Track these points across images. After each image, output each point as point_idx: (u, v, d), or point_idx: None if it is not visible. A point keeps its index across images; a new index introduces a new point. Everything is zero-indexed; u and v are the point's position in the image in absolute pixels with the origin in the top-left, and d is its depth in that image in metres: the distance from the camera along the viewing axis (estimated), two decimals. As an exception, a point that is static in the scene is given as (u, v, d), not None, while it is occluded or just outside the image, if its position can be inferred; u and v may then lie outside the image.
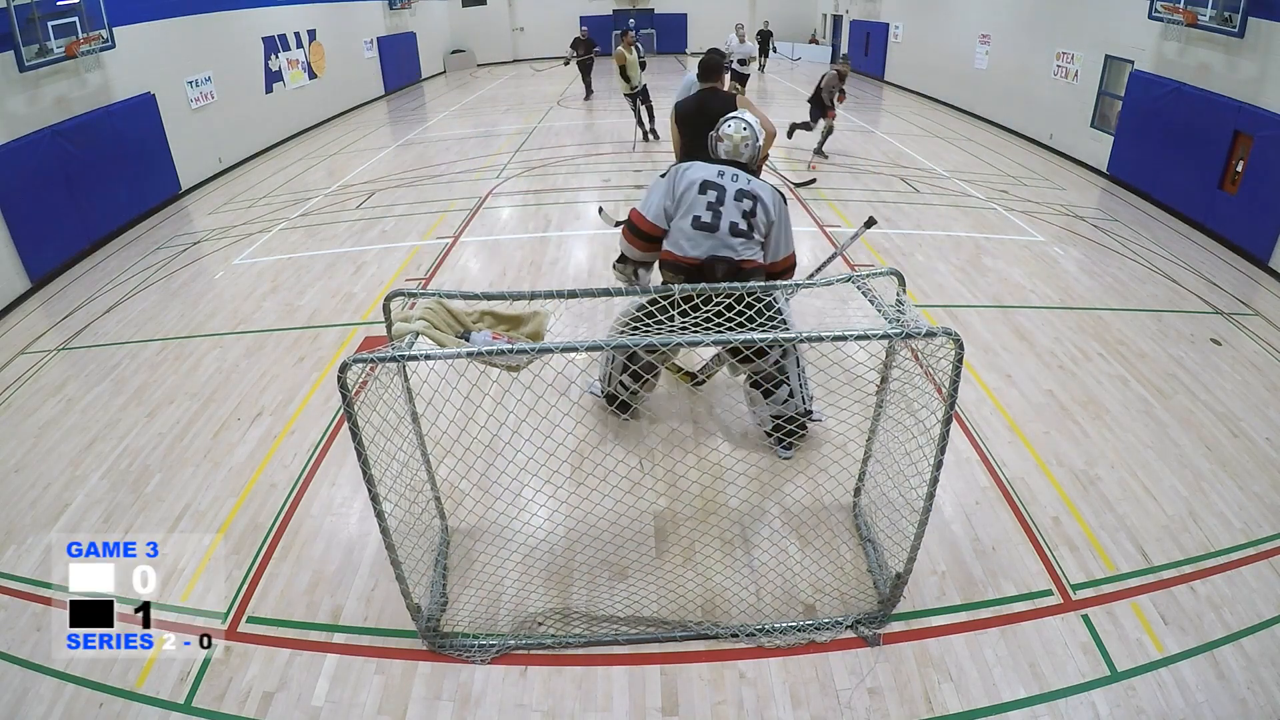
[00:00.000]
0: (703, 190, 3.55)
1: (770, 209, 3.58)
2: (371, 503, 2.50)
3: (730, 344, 2.67)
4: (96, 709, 2.79)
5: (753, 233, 3.55)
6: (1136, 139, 9.08)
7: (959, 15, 13.95)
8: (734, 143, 3.69)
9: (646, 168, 9.75)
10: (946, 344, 2.42)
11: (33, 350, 5.81)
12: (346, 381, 2.24)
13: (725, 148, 3.72)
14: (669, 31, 24.32)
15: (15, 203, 6.85)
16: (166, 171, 9.63)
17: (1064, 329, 5.51)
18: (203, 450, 4.32)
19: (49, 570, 3.47)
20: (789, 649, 2.93)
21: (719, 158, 3.73)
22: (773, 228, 3.60)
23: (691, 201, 3.55)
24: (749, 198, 3.54)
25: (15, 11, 6.91)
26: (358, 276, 6.68)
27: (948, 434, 2.54)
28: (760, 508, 3.66)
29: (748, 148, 3.70)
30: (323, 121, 14.53)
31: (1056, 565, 3.34)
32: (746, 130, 3.71)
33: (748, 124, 3.73)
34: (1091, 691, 2.75)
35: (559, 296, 2.86)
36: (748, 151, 3.71)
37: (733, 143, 3.70)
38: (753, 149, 3.72)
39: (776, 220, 3.61)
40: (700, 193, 3.55)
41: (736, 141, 3.69)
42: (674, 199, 3.63)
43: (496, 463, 3.29)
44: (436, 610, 3.06)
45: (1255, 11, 7.09)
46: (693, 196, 3.56)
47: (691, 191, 3.56)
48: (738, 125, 3.72)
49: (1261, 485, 3.87)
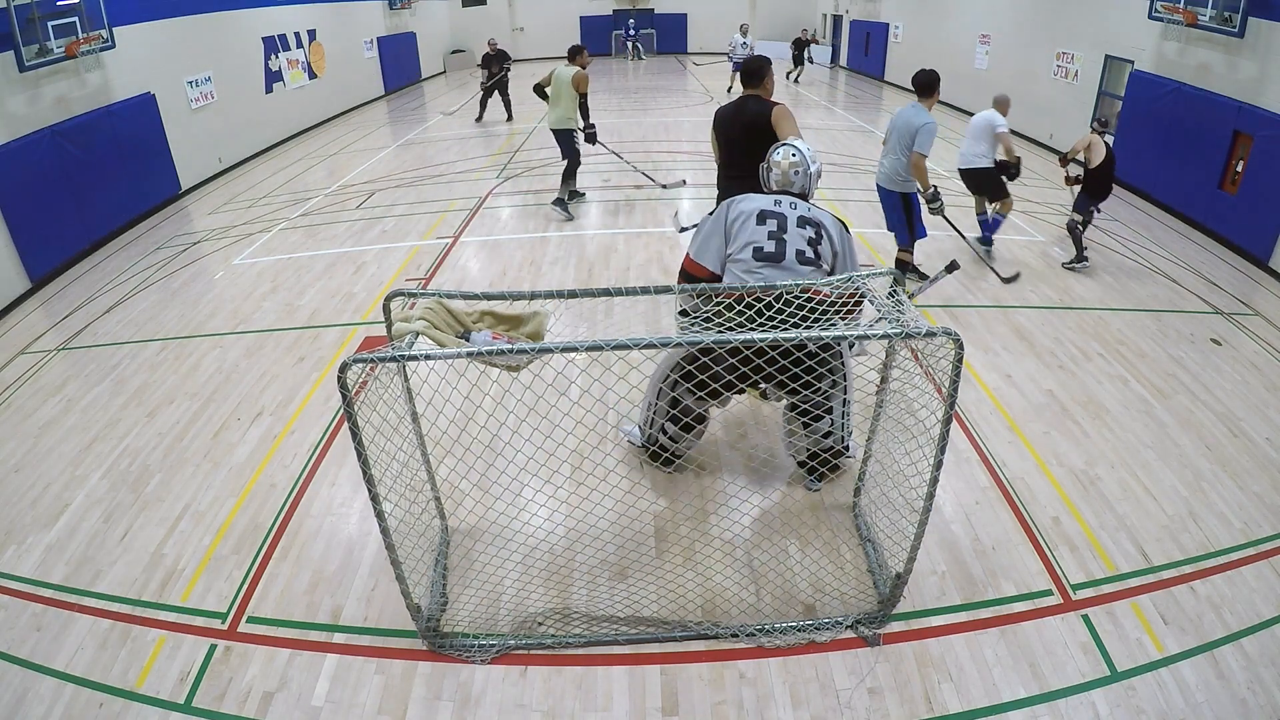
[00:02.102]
0: (761, 220, 3.28)
1: (835, 238, 3.32)
2: (371, 503, 2.50)
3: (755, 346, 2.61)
4: (96, 709, 2.79)
5: (820, 261, 3.26)
6: (1136, 139, 9.08)
7: (959, 15, 13.96)
8: (782, 170, 3.48)
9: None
10: (946, 344, 2.42)
11: (33, 350, 5.81)
12: (346, 381, 2.24)
13: (775, 176, 3.51)
14: (669, 31, 24.32)
15: (15, 203, 6.85)
16: (166, 171, 9.63)
17: (1064, 329, 5.51)
18: (203, 450, 4.32)
19: (49, 570, 3.48)
20: (789, 649, 2.92)
21: (770, 188, 3.53)
22: (838, 259, 3.33)
23: (750, 233, 3.27)
24: (812, 225, 3.28)
25: (15, 11, 6.91)
26: (358, 276, 6.68)
27: (948, 434, 2.54)
28: (760, 508, 3.66)
29: (798, 175, 3.47)
30: (323, 121, 14.53)
31: (1056, 565, 3.34)
32: (795, 156, 3.48)
33: (796, 150, 3.51)
34: (1091, 691, 2.74)
35: (559, 296, 2.86)
36: (799, 180, 3.48)
37: (780, 170, 3.49)
38: (804, 178, 3.49)
39: (841, 251, 3.34)
40: (759, 223, 3.27)
41: (785, 169, 3.48)
42: (726, 235, 3.34)
43: (496, 463, 3.29)
44: (436, 610, 3.06)
45: (1255, 11, 7.10)
46: (751, 228, 3.28)
47: (748, 223, 3.29)
48: (785, 152, 3.51)
49: (1261, 485, 3.87)
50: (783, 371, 3.00)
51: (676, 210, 5.89)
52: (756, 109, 4.38)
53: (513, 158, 10.79)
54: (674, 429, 3.57)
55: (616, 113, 14.05)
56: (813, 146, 3.62)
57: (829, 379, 3.31)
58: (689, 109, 14.43)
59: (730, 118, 4.50)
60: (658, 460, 3.82)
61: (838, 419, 3.49)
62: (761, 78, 4.44)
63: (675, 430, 3.58)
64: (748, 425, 4.34)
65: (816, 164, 3.55)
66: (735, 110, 4.49)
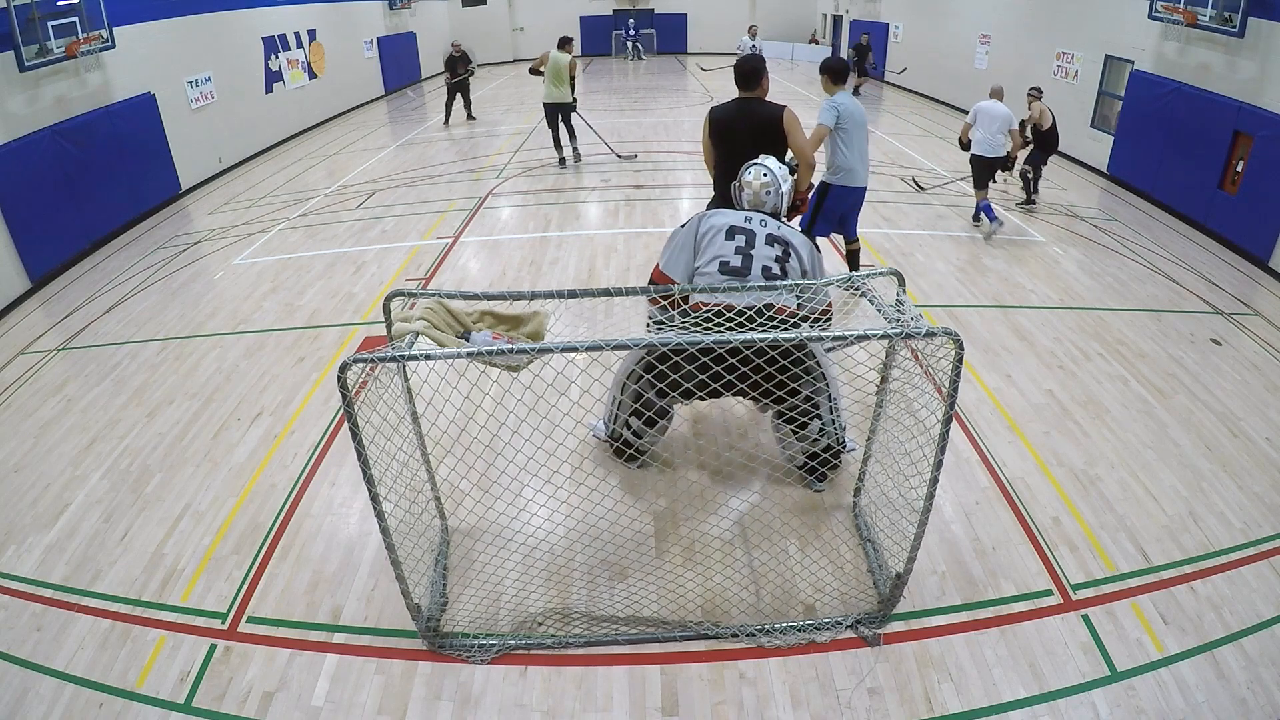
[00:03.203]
0: (730, 235, 3.36)
1: (804, 258, 3.40)
2: (371, 503, 2.49)
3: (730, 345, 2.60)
4: (96, 709, 2.79)
5: (786, 278, 3.33)
6: (1136, 139, 9.09)
7: (959, 15, 13.95)
8: (753, 190, 3.57)
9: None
10: (946, 344, 2.42)
11: (33, 350, 5.81)
12: (346, 381, 2.24)
13: (746, 196, 3.59)
14: (669, 31, 24.33)
15: (15, 203, 6.85)
16: (166, 171, 9.63)
17: (1064, 329, 5.51)
18: (203, 450, 4.32)
19: (49, 570, 3.48)
20: (789, 649, 2.92)
21: (742, 207, 3.59)
22: (805, 278, 3.37)
23: (718, 247, 3.36)
24: (780, 243, 3.37)
25: (15, 11, 6.91)
26: (358, 276, 6.68)
27: (948, 434, 2.54)
28: (760, 508, 3.66)
29: (769, 195, 3.56)
30: (323, 121, 14.54)
31: (1056, 565, 3.34)
32: (767, 176, 3.57)
33: (768, 169, 3.59)
34: (1091, 691, 2.74)
35: (559, 296, 2.86)
36: (770, 199, 3.56)
37: (752, 190, 3.57)
38: (775, 198, 3.57)
39: (810, 270, 3.41)
40: (727, 238, 3.36)
41: (756, 189, 3.56)
42: (695, 248, 3.43)
43: (496, 463, 3.30)
44: (436, 610, 3.06)
45: (1255, 11, 7.09)
46: (719, 243, 3.36)
47: (717, 238, 3.37)
48: (757, 172, 3.59)
49: (1261, 485, 3.87)
50: (757, 371, 2.97)
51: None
52: (765, 112, 4.33)
53: (512, 158, 10.78)
54: (637, 424, 3.59)
55: (617, 113, 14.05)
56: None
57: (808, 382, 3.34)
58: (689, 109, 14.43)
59: (731, 119, 4.41)
60: (622, 456, 3.83)
61: (827, 419, 3.49)
62: (758, 79, 4.38)
63: (639, 425, 3.59)
64: (748, 425, 4.34)
65: (788, 182, 3.64)
66: (738, 112, 4.40)
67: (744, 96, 4.43)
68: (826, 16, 22.30)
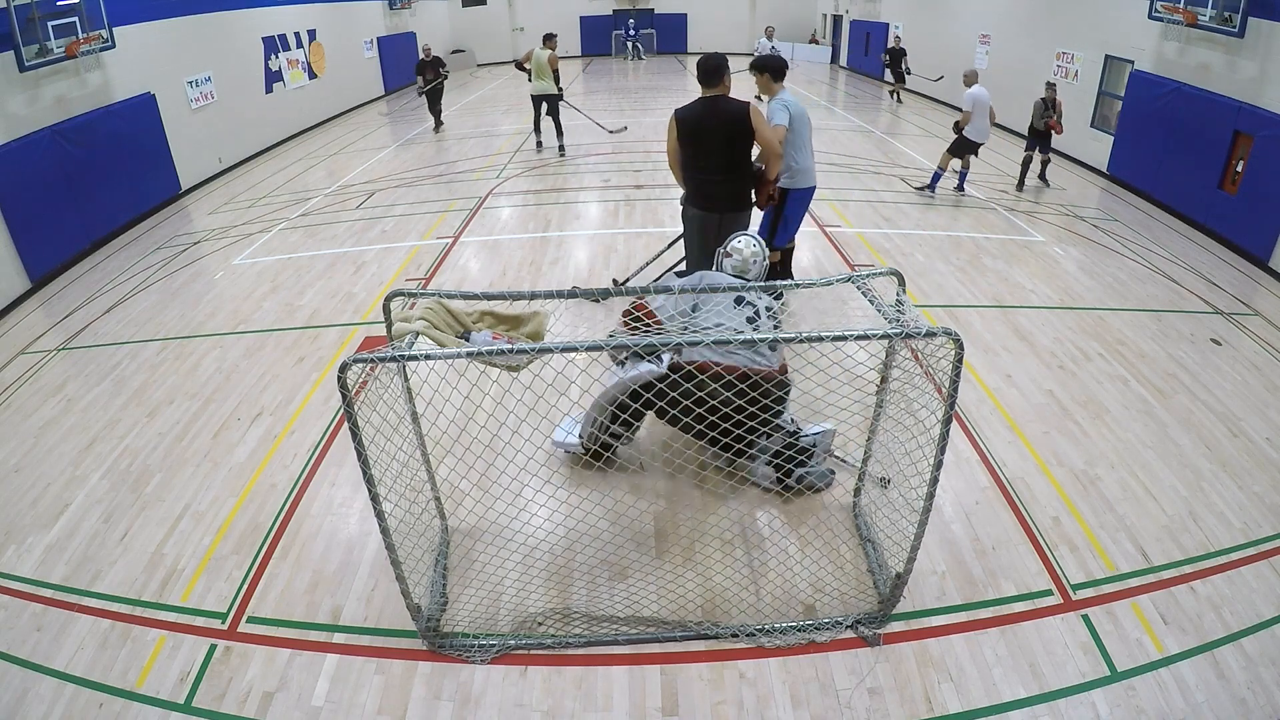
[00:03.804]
0: (739, 303, 3.50)
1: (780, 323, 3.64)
2: (371, 503, 2.50)
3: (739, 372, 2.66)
4: (96, 709, 2.79)
5: (777, 346, 3.54)
6: (1137, 139, 9.09)
7: (959, 15, 13.96)
8: (743, 258, 3.74)
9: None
10: (946, 344, 2.42)
11: (33, 350, 5.81)
12: (346, 381, 2.24)
13: (733, 263, 3.74)
14: (669, 31, 24.33)
15: (15, 203, 6.85)
16: (166, 171, 9.64)
17: (1064, 329, 5.51)
18: (203, 450, 4.32)
19: (49, 570, 3.48)
20: (789, 649, 2.92)
21: (725, 271, 3.75)
22: (776, 350, 3.58)
23: (728, 316, 3.48)
24: (774, 317, 3.59)
25: (15, 11, 6.91)
26: (358, 276, 6.68)
27: (948, 434, 2.54)
28: (760, 508, 3.66)
29: (755, 264, 3.74)
30: (323, 121, 14.54)
31: (1056, 565, 3.34)
32: (755, 247, 3.75)
33: (756, 240, 3.77)
34: (1091, 691, 2.74)
35: (559, 296, 2.87)
36: (755, 269, 3.74)
37: (741, 258, 3.74)
38: (759, 267, 3.75)
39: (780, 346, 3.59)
40: (736, 304, 3.50)
41: (746, 257, 3.74)
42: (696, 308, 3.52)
43: (496, 463, 3.29)
44: (436, 610, 3.06)
45: (1255, 11, 7.10)
46: (728, 309, 3.49)
47: (724, 301, 3.51)
48: (748, 242, 3.77)
49: (1261, 485, 3.87)
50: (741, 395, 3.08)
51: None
52: (732, 109, 4.38)
53: (512, 158, 10.79)
54: (613, 426, 3.68)
55: (617, 113, 14.05)
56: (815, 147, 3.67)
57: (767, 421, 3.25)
58: (689, 109, 14.39)
59: (700, 118, 4.44)
60: (599, 459, 3.82)
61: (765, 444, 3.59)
62: (721, 76, 4.42)
63: (614, 427, 3.68)
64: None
65: (766, 254, 3.83)
66: (705, 111, 4.43)
67: (708, 95, 4.47)
68: (826, 16, 22.31)
